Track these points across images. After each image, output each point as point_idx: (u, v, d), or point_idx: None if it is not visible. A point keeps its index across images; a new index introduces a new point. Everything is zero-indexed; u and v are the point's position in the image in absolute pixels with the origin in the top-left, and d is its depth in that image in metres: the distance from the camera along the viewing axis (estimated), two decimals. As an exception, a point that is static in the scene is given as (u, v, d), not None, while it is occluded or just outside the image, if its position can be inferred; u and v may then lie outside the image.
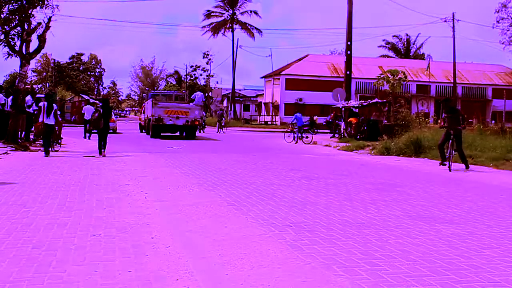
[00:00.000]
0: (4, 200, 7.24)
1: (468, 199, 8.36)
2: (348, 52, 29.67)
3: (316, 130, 29.90)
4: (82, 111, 26.07)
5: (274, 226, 5.92)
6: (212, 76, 77.58)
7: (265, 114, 61.14)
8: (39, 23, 20.06)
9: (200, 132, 33.37)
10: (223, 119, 40.94)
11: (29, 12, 19.16)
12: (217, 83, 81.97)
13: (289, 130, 27.48)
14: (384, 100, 27.39)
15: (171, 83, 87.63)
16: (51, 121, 14.70)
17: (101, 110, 15.33)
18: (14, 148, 15.83)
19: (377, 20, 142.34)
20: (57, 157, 14.03)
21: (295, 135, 26.11)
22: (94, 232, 5.54)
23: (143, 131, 32.99)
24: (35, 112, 18.13)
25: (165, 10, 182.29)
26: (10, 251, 4.70)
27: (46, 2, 19.27)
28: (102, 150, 14.97)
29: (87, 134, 24.20)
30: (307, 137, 25.51)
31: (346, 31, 29.68)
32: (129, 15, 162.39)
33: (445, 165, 12.90)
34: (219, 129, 38.31)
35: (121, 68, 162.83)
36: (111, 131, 31.77)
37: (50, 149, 15.30)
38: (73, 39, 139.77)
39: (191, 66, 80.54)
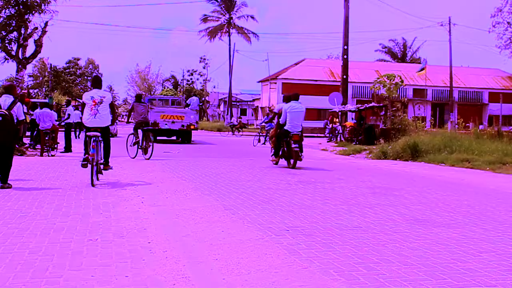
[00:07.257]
0: (1, 205, 7.22)
1: (465, 203, 8.37)
2: (345, 56, 29.76)
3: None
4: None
5: (271, 230, 5.91)
6: (209, 80, 77.75)
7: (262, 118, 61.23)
8: (36, 28, 20.08)
9: None
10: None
11: (26, 17, 19.14)
12: (214, 87, 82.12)
13: None
14: (381, 104, 27.42)
15: (167, 87, 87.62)
16: None
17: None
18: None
19: (373, 24, 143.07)
20: (54, 162, 14.00)
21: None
22: (91, 237, 5.53)
23: None
24: (33, 118, 18.19)
25: (161, 15, 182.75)
26: (6, 256, 4.69)
27: (43, 8, 19.28)
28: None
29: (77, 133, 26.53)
30: (303, 142, 25.48)
31: (343, 36, 29.78)
32: (125, 19, 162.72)
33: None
34: (234, 132, 42.78)
35: (118, 72, 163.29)
36: (111, 135, 32.18)
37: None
38: (69, 43, 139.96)
39: (188, 71, 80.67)
